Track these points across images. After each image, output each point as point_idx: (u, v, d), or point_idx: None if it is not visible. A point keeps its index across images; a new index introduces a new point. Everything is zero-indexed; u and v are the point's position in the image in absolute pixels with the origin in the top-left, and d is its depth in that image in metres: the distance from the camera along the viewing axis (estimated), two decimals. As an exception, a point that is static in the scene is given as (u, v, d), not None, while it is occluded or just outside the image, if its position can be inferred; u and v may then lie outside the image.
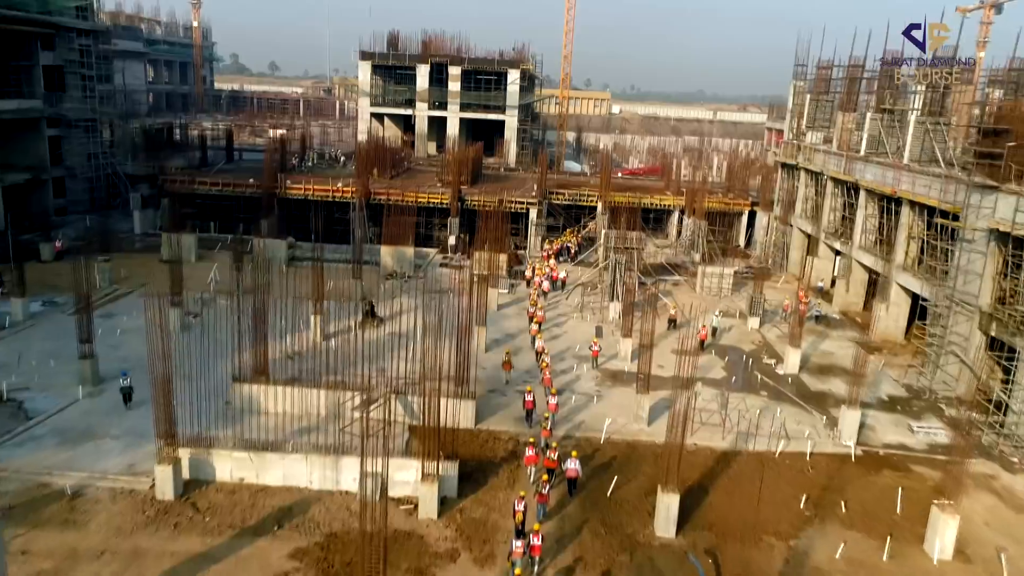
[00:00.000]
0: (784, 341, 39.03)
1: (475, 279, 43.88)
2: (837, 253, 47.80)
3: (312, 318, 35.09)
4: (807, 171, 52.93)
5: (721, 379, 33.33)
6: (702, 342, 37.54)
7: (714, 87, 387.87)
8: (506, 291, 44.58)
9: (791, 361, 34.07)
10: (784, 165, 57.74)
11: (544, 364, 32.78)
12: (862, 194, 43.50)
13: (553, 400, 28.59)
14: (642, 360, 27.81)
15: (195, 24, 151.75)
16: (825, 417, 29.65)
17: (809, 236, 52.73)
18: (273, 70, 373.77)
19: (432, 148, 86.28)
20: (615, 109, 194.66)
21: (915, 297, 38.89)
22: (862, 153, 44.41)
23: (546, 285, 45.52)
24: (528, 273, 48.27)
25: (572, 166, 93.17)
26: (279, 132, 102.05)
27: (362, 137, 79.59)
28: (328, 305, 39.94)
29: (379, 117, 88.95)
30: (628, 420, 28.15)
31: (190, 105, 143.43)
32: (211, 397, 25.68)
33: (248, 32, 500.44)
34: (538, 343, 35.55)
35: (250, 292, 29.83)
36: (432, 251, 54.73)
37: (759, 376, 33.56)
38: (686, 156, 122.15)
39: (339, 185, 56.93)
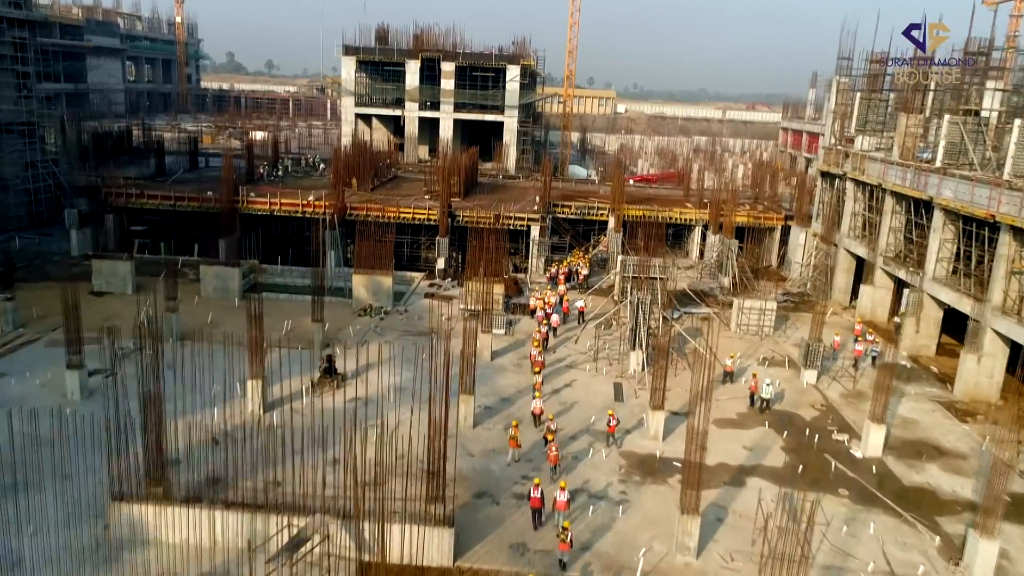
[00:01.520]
0: (850, 401, 31.11)
1: (465, 316, 36.11)
2: (901, 284, 39.83)
3: (249, 385, 27.09)
4: (857, 183, 44.96)
5: (783, 467, 25.39)
6: (752, 396, 29.83)
7: (717, 85, 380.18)
8: (503, 331, 36.69)
9: (872, 441, 26.10)
10: (825, 174, 49.77)
11: (549, 434, 25.21)
12: (937, 214, 35.54)
13: (563, 496, 20.99)
14: (689, 469, 19.85)
15: (178, 20, 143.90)
16: (939, 539, 21.62)
17: (860, 259, 44.78)
18: (270, 69, 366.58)
19: (424, 152, 78.46)
20: (620, 108, 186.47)
21: (1014, 346, 31.00)
22: (938, 164, 36.48)
23: (555, 319, 37.58)
24: (532, 303, 40.42)
25: (578, 171, 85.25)
26: (258, 135, 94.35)
27: (346, 140, 71.84)
28: (278, 355, 32.10)
29: (366, 119, 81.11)
30: (669, 547, 20.20)
31: (171, 105, 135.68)
32: (86, 518, 18.12)
33: (245, 30, 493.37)
34: (535, 403, 27.83)
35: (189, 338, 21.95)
36: (417, 276, 46.86)
37: (832, 463, 25.58)
38: (699, 158, 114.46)
39: (310, 199, 49.08)
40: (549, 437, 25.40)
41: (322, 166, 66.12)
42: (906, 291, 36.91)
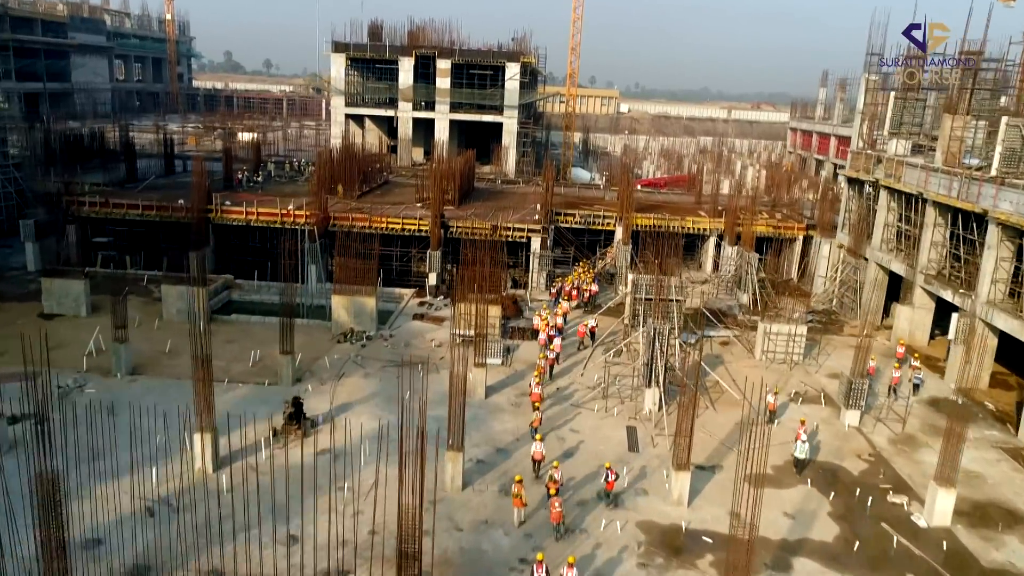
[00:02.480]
0: (902, 449, 26.84)
1: (455, 343, 31.98)
2: (944, 304, 35.63)
3: (197, 438, 22.85)
4: (891, 191, 40.73)
5: (834, 541, 21.13)
6: (771, 414, 25.86)
7: (719, 84, 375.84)
8: (499, 361, 32.49)
9: (940, 507, 21.83)
10: (853, 181, 45.52)
11: (552, 484, 21.32)
12: (993, 230, 31.30)
13: (571, 576, 17.06)
14: (732, 549, 15.62)
15: (168, 17, 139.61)
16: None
17: (894, 274, 40.58)
18: (268, 68, 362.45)
19: (419, 155, 74.27)
20: (623, 108, 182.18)
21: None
22: (993, 172, 32.26)
23: (557, 343, 33.37)
24: (537, 323, 36.29)
25: (581, 175, 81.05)
26: (246, 136, 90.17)
27: (336, 143, 67.64)
28: (240, 392, 28.02)
29: (358, 119, 77.01)
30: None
31: (160, 105, 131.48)
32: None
33: (243, 29, 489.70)
34: (535, 447, 23.78)
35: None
36: (406, 293, 42.67)
37: (893, 536, 21.33)
38: (705, 159, 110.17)
39: (289, 207, 44.88)
40: (552, 489, 21.42)
41: (309, 170, 61.86)
42: (954, 315, 32.66)
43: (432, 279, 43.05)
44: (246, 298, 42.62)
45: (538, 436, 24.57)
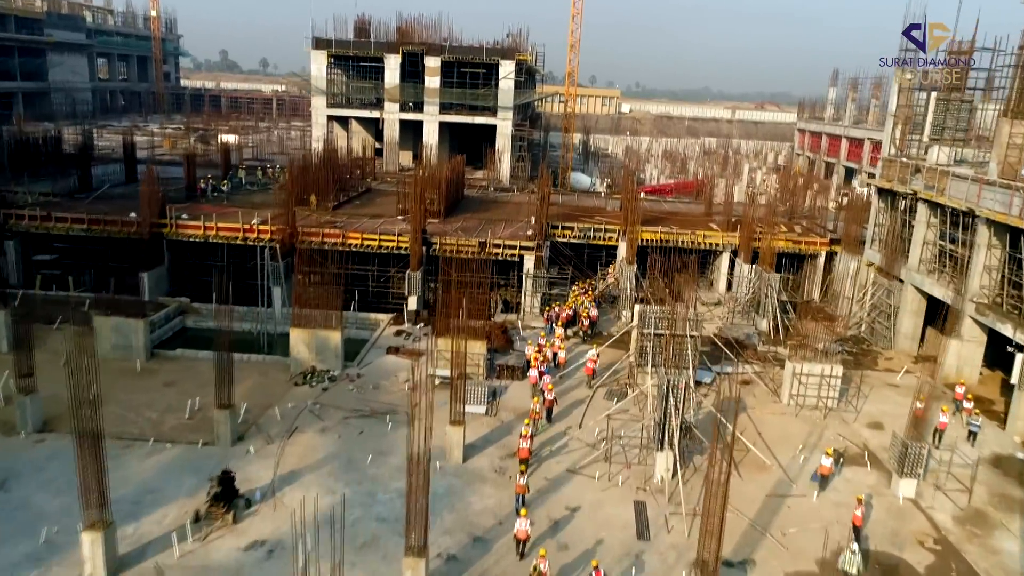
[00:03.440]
0: (972, 532, 21.90)
1: (435, 383, 27.36)
2: (996, 336, 30.72)
3: (85, 539, 17.90)
4: (932, 204, 35.84)
5: None
6: (855, 529, 20.70)
7: (721, 84, 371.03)
8: (482, 408, 27.64)
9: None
10: (884, 192, 40.63)
11: None
12: (1067, 256, 26.38)
13: None
14: None
15: (154, 14, 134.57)
16: None
17: (934, 299, 35.73)
18: (265, 67, 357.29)
19: (408, 159, 69.32)
20: (625, 108, 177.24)
21: None
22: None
23: (547, 381, 28.42)
24: (530, 352, 31.50)
25: (581, 180, 76.14)
26: (230, 138, 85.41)
27: (317, 146, 62.74)
28: (162, 458, 23.25)
29: (343, 121, 72.14)
30: None
31: (141, 105, 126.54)
32: None
33: (241, 28, 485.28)
34: (519, 525, 19.07)
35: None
36: (383, 318, 37.80)
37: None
38: (710, 160, 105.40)
39: (253, 222, 40.01)
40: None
41: (284, 177, 56.93)
42: (1020, 356, 27.73)
43: (412, 303, 38.15)
44: (202, 324, 37.72)
45: (523, 511, 19.80)
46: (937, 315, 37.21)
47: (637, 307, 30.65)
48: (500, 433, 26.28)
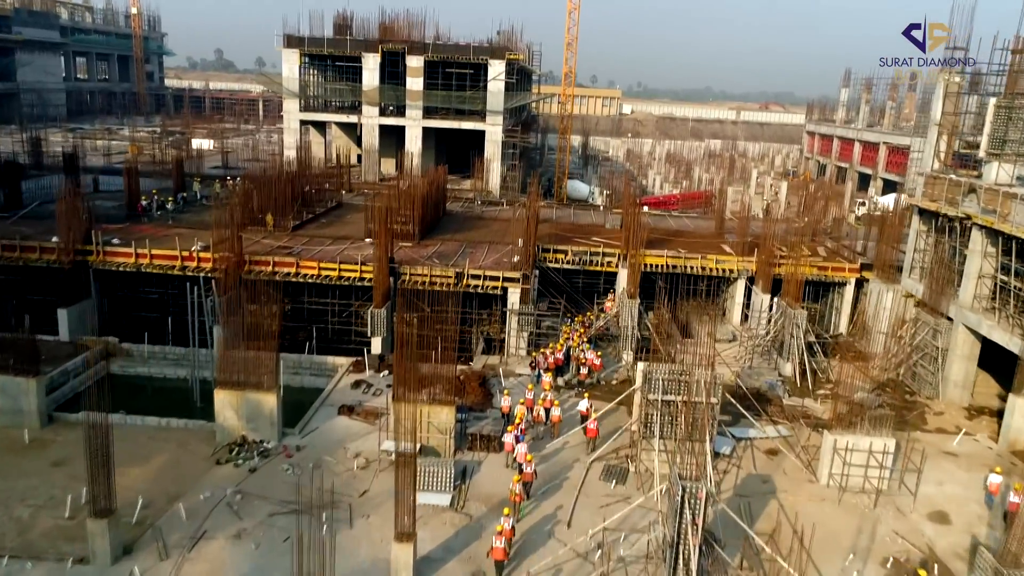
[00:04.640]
0: None
1: (388, 463, 21.87)
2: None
3: None
4: (990, 231, 30.12)
5: None
6: None
7: (723, 84, 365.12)
8: (446, 499, 21.93)
9: None
10: (926, 212, 34.92)
11: None
12: None
13: None
14: None
15: (134, 11, 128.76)
16: None
17: (992, 343, 30.02)
18: (261, 66, 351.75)
19: (390, 167, 63.64)
20: (626, 108, 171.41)
21: None
22: None
23: (521, 451, 22.76)
24: (520, 411, 25.86)
25: (578, 189, 70.45)
26: (204, 143, 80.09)
27: (290, 153, 57.18)
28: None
29: (319, 126, 66.53)
30: None
31: (121, 106, 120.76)
32: None
33: (238, 27, 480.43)
34: None
35: None
36: (341, 363, 32.12)
37: None
38: (715, 164, 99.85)
39: (193, 249, 34.36)
40: None
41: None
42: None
43: (376, 345, 32.49)
44: (130, 370, 32.37)
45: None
46: (990, 357, 31.65)
47: (640, 365, 24.84)
48: (468, 536, 20.56)
